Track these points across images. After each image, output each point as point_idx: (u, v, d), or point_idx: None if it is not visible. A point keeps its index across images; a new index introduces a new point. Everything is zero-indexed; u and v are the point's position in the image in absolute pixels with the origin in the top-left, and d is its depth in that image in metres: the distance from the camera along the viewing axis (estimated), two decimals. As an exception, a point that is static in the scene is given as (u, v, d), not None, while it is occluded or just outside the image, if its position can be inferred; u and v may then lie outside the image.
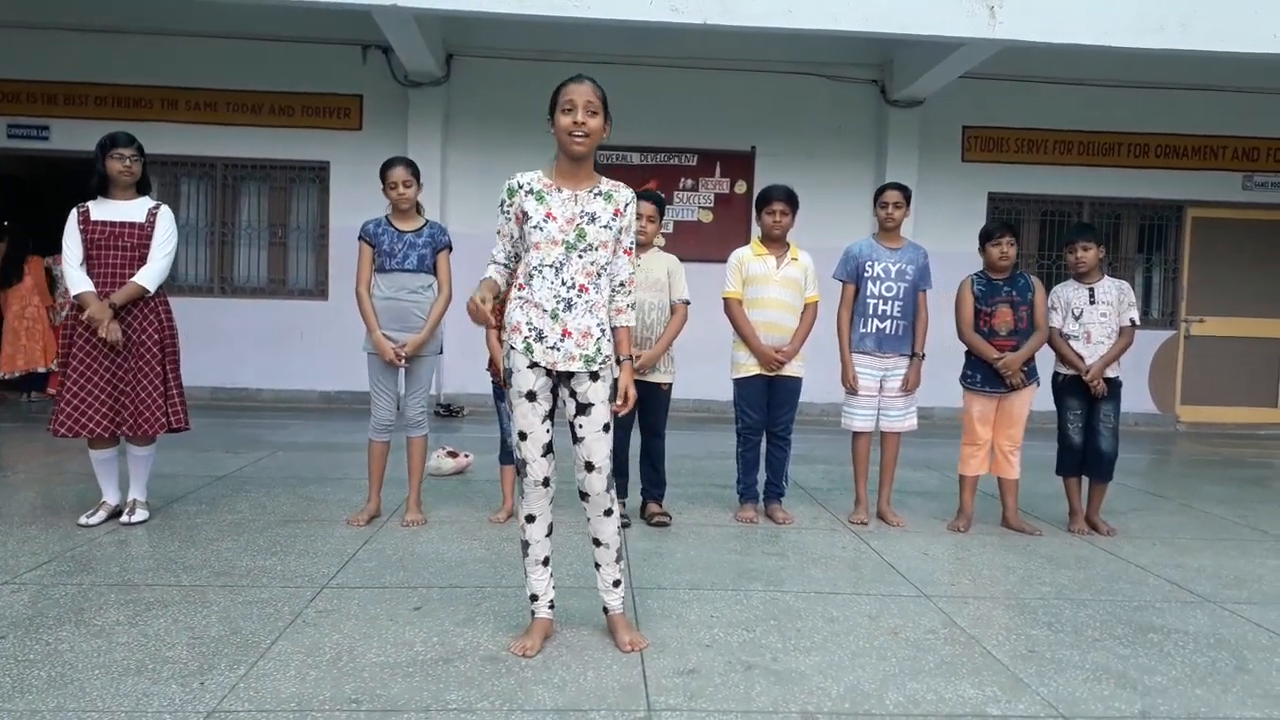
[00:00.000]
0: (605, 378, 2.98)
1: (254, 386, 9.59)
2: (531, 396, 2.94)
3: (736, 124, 9.76)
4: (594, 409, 2.96)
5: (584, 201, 2.96)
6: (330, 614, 3.30)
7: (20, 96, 9.32)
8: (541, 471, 2.99)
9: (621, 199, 3.02)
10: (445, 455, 5.95)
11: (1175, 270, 10.34)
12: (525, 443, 2.97)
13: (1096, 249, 4.90)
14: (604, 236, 2.95)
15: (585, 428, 2.96)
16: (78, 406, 4.25)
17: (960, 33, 7.38)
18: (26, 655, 2.85)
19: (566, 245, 2.91)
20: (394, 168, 4.48)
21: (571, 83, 2.92)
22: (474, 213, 9.34)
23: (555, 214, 2.93)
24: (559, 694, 2.70)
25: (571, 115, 2.88)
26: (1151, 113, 10.02)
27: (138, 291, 4.27)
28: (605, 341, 2.98)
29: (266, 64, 9.43)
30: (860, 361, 4.88)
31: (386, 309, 4.46)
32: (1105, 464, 4.87)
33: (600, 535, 3.08)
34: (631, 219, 3.06)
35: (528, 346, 2.91)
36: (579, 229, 2.92)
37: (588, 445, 2.96)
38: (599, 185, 3.01)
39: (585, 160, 2.97)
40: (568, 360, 2.91)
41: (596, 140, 2.94)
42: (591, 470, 2.97)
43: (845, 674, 2.92)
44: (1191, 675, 3.02)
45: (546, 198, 2.95)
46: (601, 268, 2.97)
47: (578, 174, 2.98)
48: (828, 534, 4.73)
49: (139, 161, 4.36)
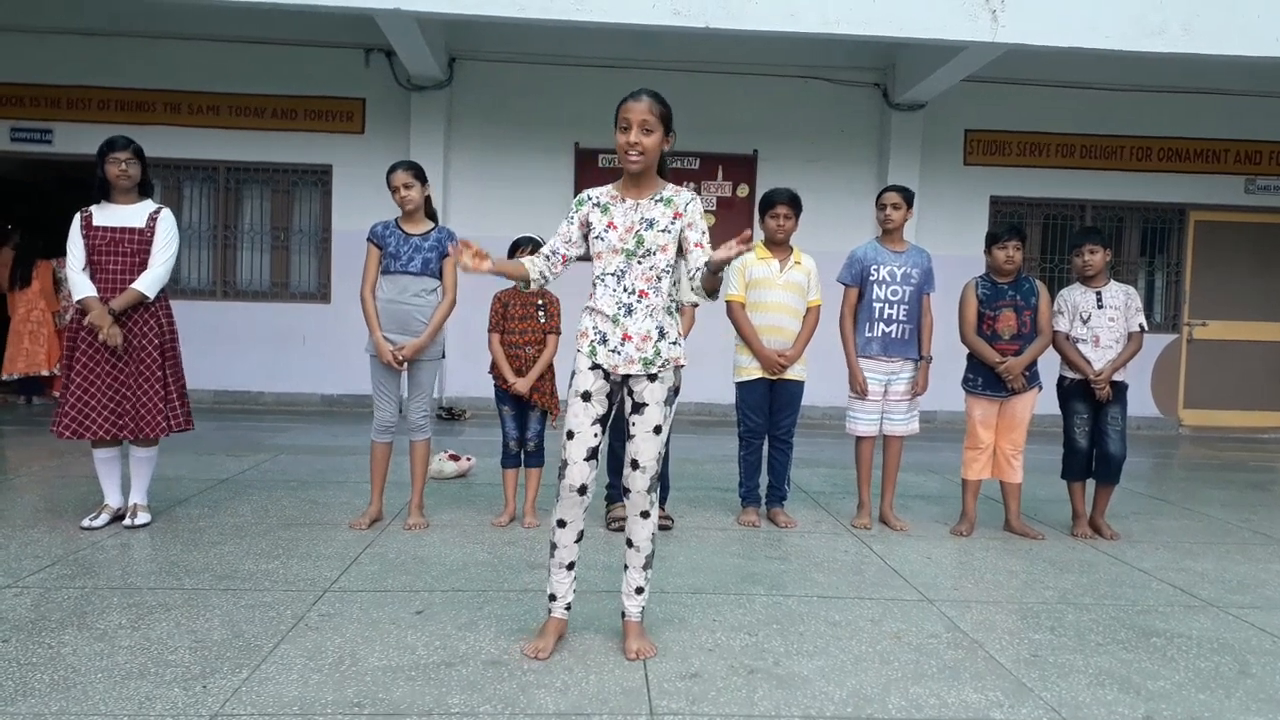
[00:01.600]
0: (664, 380, 3.01)
1: (256, 389, 9.60)
2: (586, 397, 2.99)
3: (739, 127, 9.77)
4: (648, 409, 3.00)
5: (645, 209, 3.01)
6: (332, 618, 3.30)
7: (23, 100, 9.33)
8: (580, 477, 2.99)
9: (681, 201, 3.04)
10: (447, 459, 5.95)
11: (1178, 274, 10.33)
12: (571, 443, 2.99)
13: (1104, 252, 4.90)
14: (662, 240, 2.98)
15: (637, 426, 3.01)
16: (80, 409, 4.27)
17: (962, 36, 7.38)
18: (29, 658, 2.85)
19: (626, 253, 2.98)
20: (395, 171, 4.50)
21: (630, 99, 2.95)
22: (476, 216, 9.34)
23: (616, 224, 3.00)
24: (561, 698, 2.69)
25: (627, 134, 2.92)
26: (1154, 116, 10.02)
27: (137, 297, 4.28)
28: (665, 344, 3.01)
29: (269, 67, 9.44)
30: (866, 366, 4.87)
31: (388, 311, 4.46)
32: (1113, 466, 4.87)
33: (634, 537, 3.09)
34: (694, 217, 3.02)
35: (592, 350, 3.00)
36: (638, 236, 2.97)
37: (637, 443, 3.01)
38: (661, 192, 3.05)
39: (646, 172, 3.02)
40: (628, 363, 2.98)
41: (653, 156, 2.98)
42: (637, 468, 3.01)
43: (848, 678, 2.92)
44: (1195, 680, 3.01)
45: (611, 209, 3.03)
46: (661, 272, 3.00)
47: (640, 186, 3.04)
48: (830, 538, 4.73)
49: (136, 164, 4.36)
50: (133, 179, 4.36)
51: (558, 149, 9.61)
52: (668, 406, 3.04)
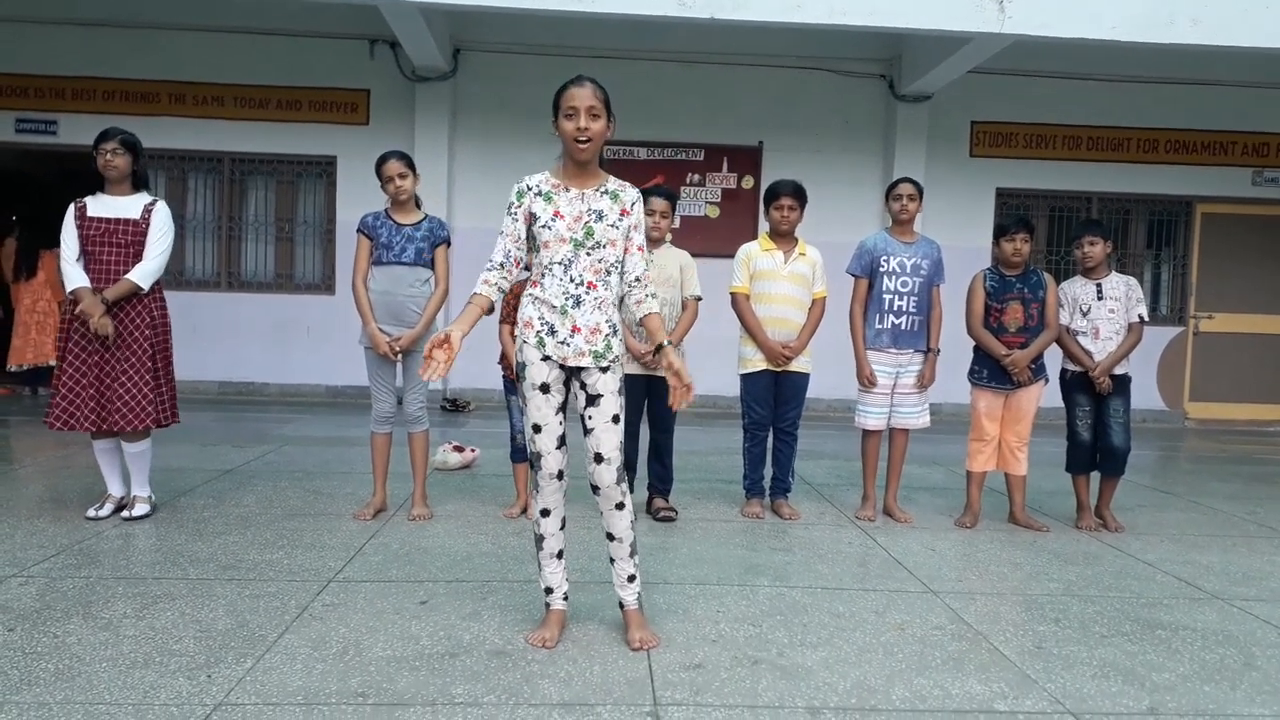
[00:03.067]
0: (615, 370, 3.00)
1: (260, 381, 9.61)
2: (545, 389, 2.96)
3: (744, 119, 9.74)
4: (603, 400, 2.98)
5: (591, 200, 2.99)
6: (337, 608, 3.30)
7: (28, 91, 9.34)
8: (556, 465, 3.00)
9: (628, 198, 3.04)
10: (451, 450, 5.95)
11: (1184, 266, 10.29)
12: (539, 435, 2.98)
13: (1104, 244, 4.88)
14: (612, 235, 2.98)
15: (595, 419, 2.98)
16: (70, 400, 4.27)
17: (969, 27, 7.35)
18: (34, 648, 2.86)
19: (574, 243, 2.94)
20: (388, 161, 4.47)
21: (572, 85, 2.93)
22: (481, 207, 9.34)
23: (563, 212, 2.96)
24: (565, 688, 2.70)
25: (574, 121, 2.90)
26: (1161, 108, 9.97)
27: (130, 288, 4.27)
28: (615, 339, 3.00)
29: (274, 59, 9.44)
30: (875, 358, 4.85)
31: (382, 303, 4.45)
32: (1117, 459, 4.85)
33: (613, 529, 3.08)
34: (639, 218, 3.07)
35: (540, 341, 2.95)
36: (587, 227, 2.95)
37: (597, 436, 2.98)
38: (606, 184, 3.04)
39: (591, 161, 3.00)
40: (578, 355, 2.95)
41: (599, 144, 2.96)
42: (601, 462, 2.98)
43: (852, 669, 2.92)
44: (1199, 672, 3.01)
45: (554, 198, 2.98)
46: (610, 265, 2.99)
47: (584, 174, 3.01)
48: (834, 529, 4.72)
49: (122, 156, 4.31)
50: (120, 170, 4.32)
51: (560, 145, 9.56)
52: (622, 396, 3.02)
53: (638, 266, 3.05)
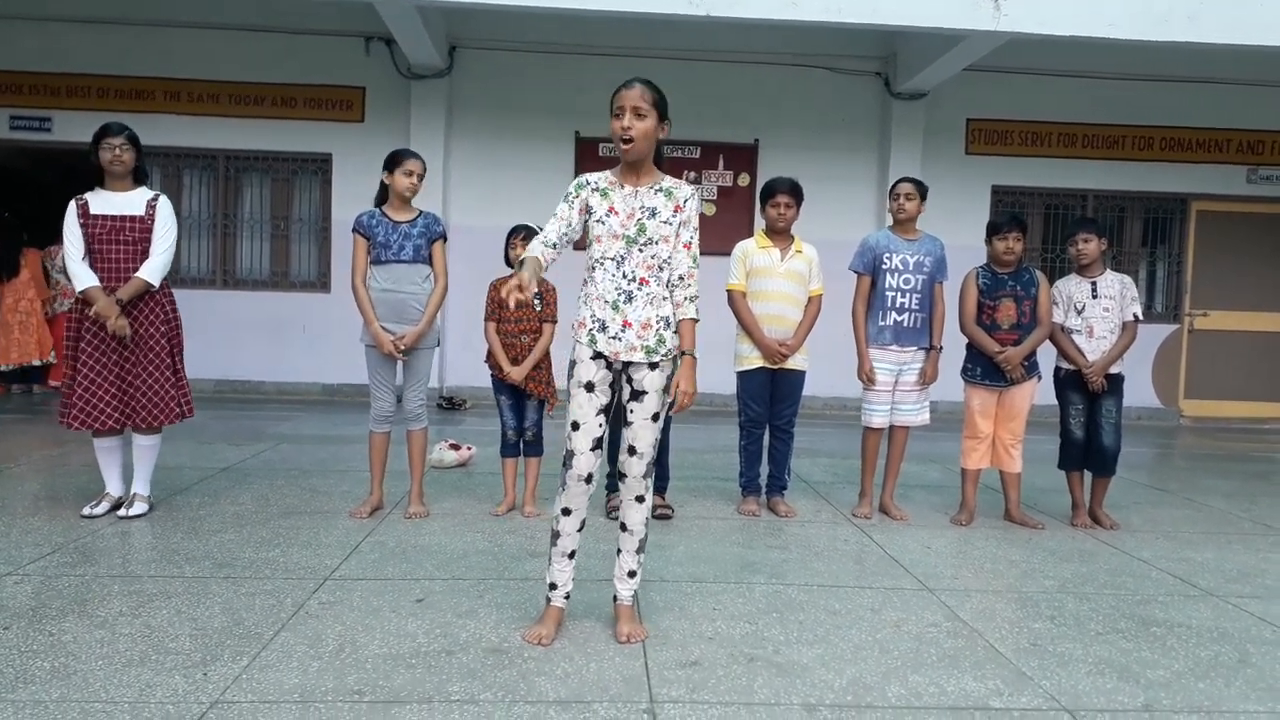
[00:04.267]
0: (663, 369, 3.03)
1: (256, 379, 9.60)
2: (590, 387, 2.99)
3: (740, 116, 9.74)
4: (647, 396, 3.02)
5: (645, 197, 3.02)
6: (333, 605, 3.30)
7: (23, 88, 9.31)
8: (587, 466, 3.01)
9: (681, 195, 3.05)
10: (447, 448, 5.95)
11: (1179, 264, 10.31)
12: (576, 434, 3.00)
13: (1098, 242, 4.88)
14: (664, 231, 3.00)
15: (636, 413, 3.03)
16: (89, 400, 4.26)
17: (964, 25, 7.36)
18: (30, 646, 2.85)
19: (627, 239, 2.98)
20: (411, 158, 4.45)
21: (623, 88, 2.96)
22: (476, 205, 9.35)
23: (617, 209, 3.00)
24: (561, 685, 2.70)
25: (620, 120, 2.93)
26: (1156, 106, 9.99)
27: (143, 286, 4.27)
28: (668, 333, 3.03)
29: (269, 56, 9.41)
30: (877, 355, 4.85)
31: (384, 301, 4.43)
32: (1108, 459, 4.86)
33: (629, 521, 3.11)
34: (691, 215, 3.07)
35: (592, 338, 2.99)
36: (639, 223, 2.98)
37: (635, 430, 3.03)
38: (660, 182, 3.06)
39: (642, 160, 3.02)
40: (629, 350, 2.99)
41: (646, 141, 2.97)
42: (634, 454, 3.03)
43: (847, 666, 2.92)
44: (1194, 669, 3.02)
45: (610, 194, 3.03)
46: (663, 262, 3.02)
47: (638, 172, 3.04)
48: (830, 527, 4.73)
49: (129, 150, 4.30)
50: (126, 165, 4.31)
51: (558, 138, 9.58)
52: (666, 394, 3.05)
53: (683, 264, 3.04)
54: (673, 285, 3.05)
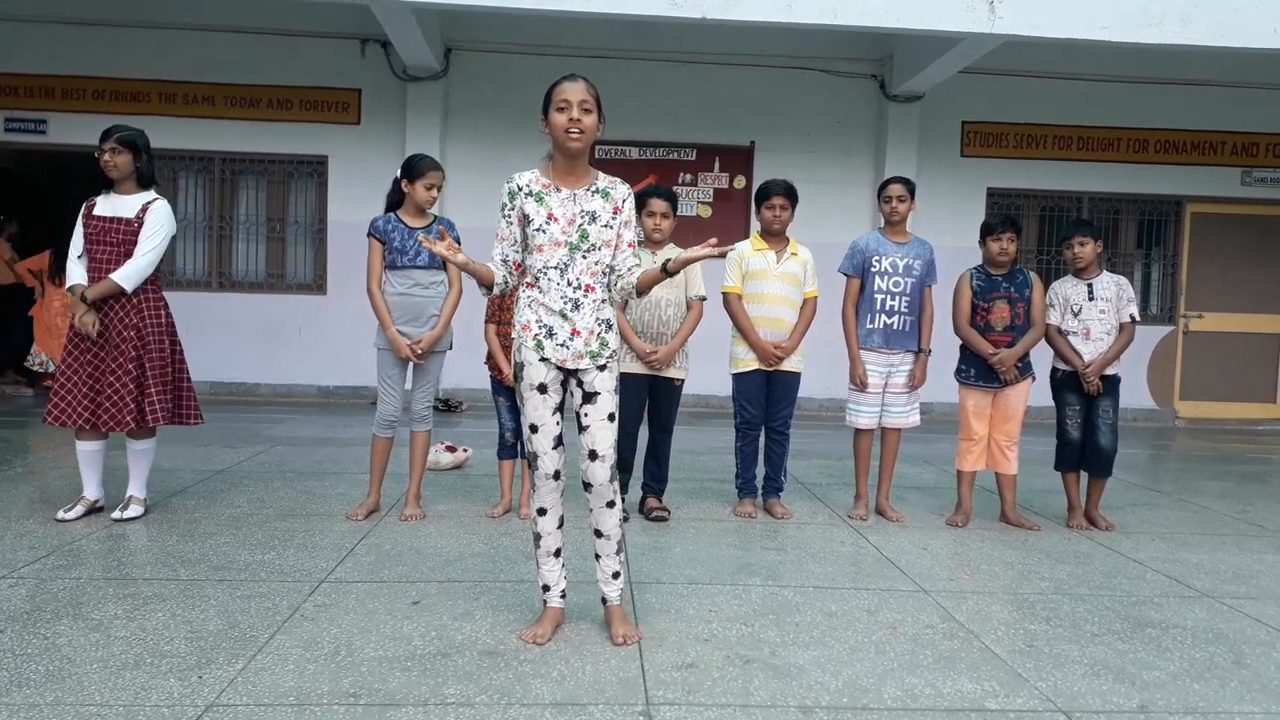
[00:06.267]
0: (611, 369, 3.04)
1: (251, 381, 9.58)
2: (543, 389, 2.98)
3: (735, 119, 9.75)
4: (599, 398, 3.01)
5: (583, 200, 2.99)
6: (329, 608, 3.30)
7: (18, 90, 9.29)
8: (553, 465, 3.01)
9: (619, 195, 3.05)
10: (444, 450, 5.94)
11: (1174, 266, 10.34)
12: (536, 435, 3.00)
13: (1094, 244, 4.89)
14: (606, 236, 3.00)
15: (590, 416, 3.01)
16: (64, 396, 4.28)
17: (959, 27, 7.37)
18: (24, 649, 2.84)
19: (570, 247, 2.96)
20: (433, 170, 4.42)
21: (565, 81, 2.95)
22: (473, 207, 9.32)
23: (556, 215, 2.96)
24: (557, 688, 2.70)
25: (566, 113, 2.90)
26: (1151, 108, 10.02)
27: (112, 288, 4.23)
28: (610, 335, 3.03)
29: (265, 58, 9.41)
30: (867, 358, 4.85)
31: (401, 304, 4.43)
32: (1104, 460, 4.87)
33: (602, 526, 3.10)
34: (630, 214, 3.08)
35: (538, 344, 2.97)
36: (581, 230, 2.96)
37: (592, 433, 3.01)
38: (596, 182, 3.04)
39: (581, 157, 3.00)
40: (576, 358, 2.98)
41: (591, 138, 2.96)
42: (595, 459, 3.01)
43: (843, 668, 2.92)
44: (1189, 670, 3.02)
45: (546, 198, 2.98)
46: (607, 266, 3.02)
47: (575, 171, 3.01)
48: (826, 529, 4.73)
49: (121, 154, 4.29)
50: (120, 169, 4.31)
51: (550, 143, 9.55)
52: (618, 395, 3.06)
53: (627, 263, 3.06)
54: (617, 278, 3.05)
